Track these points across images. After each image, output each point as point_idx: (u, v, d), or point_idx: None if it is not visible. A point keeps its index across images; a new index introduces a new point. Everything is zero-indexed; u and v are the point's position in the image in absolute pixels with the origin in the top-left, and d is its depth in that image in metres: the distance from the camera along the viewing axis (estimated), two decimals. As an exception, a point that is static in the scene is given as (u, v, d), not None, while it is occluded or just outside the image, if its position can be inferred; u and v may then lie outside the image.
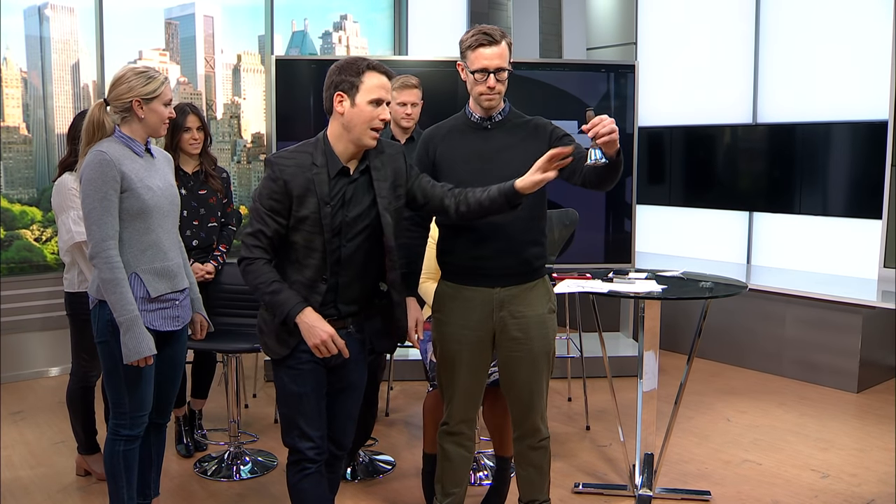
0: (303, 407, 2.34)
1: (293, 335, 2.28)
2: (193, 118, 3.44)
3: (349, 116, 2.23)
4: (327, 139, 2.29)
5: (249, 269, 2.25)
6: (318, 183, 2.23)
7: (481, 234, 2.49)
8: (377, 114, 2.23)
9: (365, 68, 2.22)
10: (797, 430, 4.07)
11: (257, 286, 2.25)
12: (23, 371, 4.91)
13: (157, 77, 2.52)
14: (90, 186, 2.42)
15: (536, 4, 6.96)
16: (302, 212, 2.23)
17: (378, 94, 2.23)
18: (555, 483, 3.15)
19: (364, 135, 2.25)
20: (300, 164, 2.25)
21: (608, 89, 5.02)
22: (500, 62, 2.43)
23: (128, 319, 2.41)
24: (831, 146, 5.36)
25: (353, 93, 2.22)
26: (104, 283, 2.42)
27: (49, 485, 3.37)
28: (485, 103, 2.49)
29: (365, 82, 2.22)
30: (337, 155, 2.27)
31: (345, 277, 2.31)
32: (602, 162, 2.24)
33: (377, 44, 6.44)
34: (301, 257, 2.28)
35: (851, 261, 5.23)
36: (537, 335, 2.55)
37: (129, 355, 2.42)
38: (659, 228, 6.29)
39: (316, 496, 2.39)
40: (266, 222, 2.24)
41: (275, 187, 2.23)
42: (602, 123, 2.19)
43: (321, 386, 2.37)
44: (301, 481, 2.37)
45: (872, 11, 5.06)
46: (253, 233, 2.25)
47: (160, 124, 2.55)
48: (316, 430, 2.35)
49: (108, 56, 5.14)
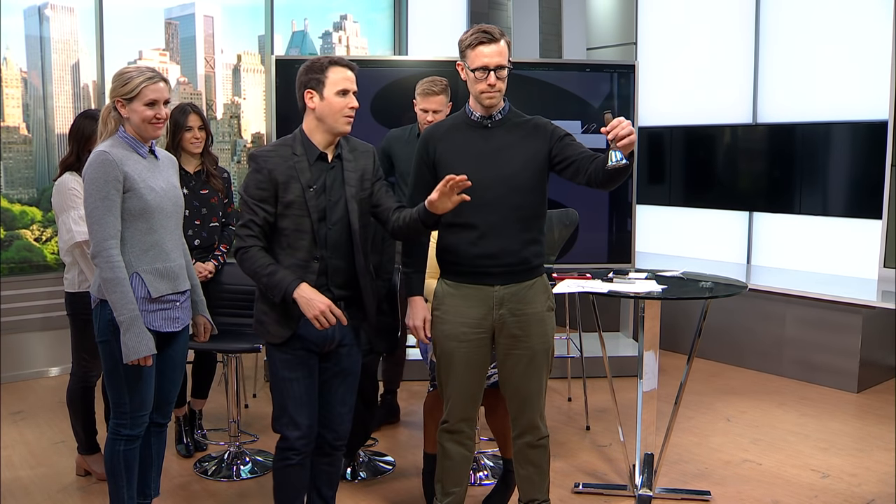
0: (293, 392, 2.46)
1: (293, 317, 2.41)
2: (195, 117, 3.45)
3: (321, 109, 2.40)
4: (304, 132, 2.46)
5: (245, 256, 2.40)
6: (300, 170, 2.40)
7: (480, 233, 2.49)
8: (345, 103, 2.40)
9: (328, 64, 2.40)
10: (797, 430, 4.07)
11: (255, 271, 2.39)
12: (23, 371, 4.91)
13: (137, 77, 2.47)
14: (92, 186, 2.43)
15: (536, 4, 6.96)
16: (288, 197, 2.39)
17: (343, 85, 2.40)
18: (555, 483, 3.15)
19: (338, 122, 2.41)
20: (282, 154, 2.42)
21: (608, 89, 5.01)
22: (500, 59, 2.45)
23: (128, 319, 2.42)
24: (831, 146, 5.36)
25: (320, 88, 2.39)
26: (105, 282, 2.43)
27: (49, 485, 3.37)
28: (486, 101, 2.49)
29: (329, 77, 2.39)
30: (314, 144, 2.44)
31: (334, 260, 2.45)
32: (623, 163, 2.29)
33: (377, 44, 6.45)
34: (292, 241, 2.42)
35: (851, 261, 5.23)
36: (536, 333, 2.56)
37: (129, 355, 2.43)
38: (659, 228, 6.29)
39: (293, 486, 2.53)
40: (255, 212, 2.39)
41: (260, 177, 2.39)
42: (621, 126, 2.23)
43: (313, 374, 2.50)
44: (283, 469, 2.52)
45: (872, 11, 5.06)
46: (244, 223, 2.41)
47: (142, 124, 2.49)
48: (305, 418, 2.48)
49: (108, 56, 5.14)
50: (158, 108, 2.51)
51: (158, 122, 2.52)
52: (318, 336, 2.46)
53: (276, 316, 2.44)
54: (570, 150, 2.49)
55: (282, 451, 2.50)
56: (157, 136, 2.56)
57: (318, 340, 2.47)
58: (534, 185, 2.52)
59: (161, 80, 2.52)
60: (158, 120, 2.52)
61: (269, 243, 2.43)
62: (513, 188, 2.49)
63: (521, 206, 2.50)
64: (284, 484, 2.54)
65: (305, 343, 2.45)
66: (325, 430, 2.59)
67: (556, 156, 2.50)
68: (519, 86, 4.68)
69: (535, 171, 2.51)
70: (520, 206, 2.50)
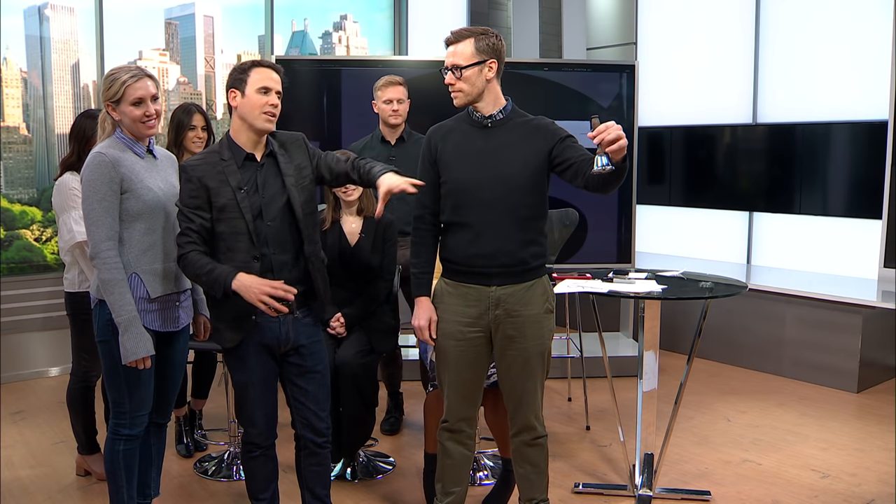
0: (249, 394, 2.54)
1: (245, 319, 2.46)
2: (199, 117, 3.47)
3: (242, 107, 2.45)
4: (230, 136, 2.50)
5: (186, 261, 2.44)
6: (229, 173, 2.45)
7: (477, 232, 2.50)
8: (266, 100, 2.44)
9: (251, 66, 2.46)
10: (797, 430, 4.07)
11: (195, 274, 2.43)
12: (23, 371, 4.91)
13: (120, 78, 2.46)
14: (90, 187, 2.43)
15: (536, 4, 6.96)
16: (220, 201, 2.43)
17: (263, 83, 2.44)
18: (555, 483, 3.15)
19: (258, 119, 2.44)
20: (209, 161, 2.47)
21: (608, 89, 5.01)
22: (453, 60, 2.48)
23: (126, 320, 2.42)
24: (831, 146, 5.36)
25: (242, 87, 2.44)
26: (103, 283, 2.43)
27: (49, 485, 3.37)
28: (453, 99, 2.53)
29: (251, 76, 2.44)
30: (240, 146, 2.48)
31: (278, 255, 2.49)
32: (608, 168, 2.26)
33: (377, 44, 6.45)
34: (230, 244, 2.46)
35: (851, 261, 5.23)
36: (532, 335, 2.56)
37: (127, 356, 2.43)
38: (659, 228, 6.29)
39: (261, 476, 2.63)
40: (191, 219, 2.44)
41: (191, 186, 2.44)
42: (608, 130, 2.20)
43: (268, 375, 2.56)
44: (248, 461, 2.63)
45: (872, 11, 5.06)
46: (182, 232, 2.46)
47: (134, 125, 2.48)
48: (262, 416, 2.57)
49: (108, 56, 5.14)
50: (146, 106, 2.48)
51: (149, 119, 2.49)
52: (272, 338, 2.50)
53: (228, 321, 2.49)
54: (570, 153, 2.48)
55: (245, 445, 2.62)
56: (152, 134, 2.54)
57: (272, 342, 2.51)
58: (533, 185, 2.51)
59: (145, 77, 2.49)
60: (149, 118, 2.49)
61: (210, 249, 2.47)
62: (512, 188, 2.49)
63: (519, 207, 2.50)
64: (253, 475, 2.65)
65: (258, 347, 2.50)
66: (305, 431, 2.62)
67: (556, 157, 2.50)
68: (521, 85, 4.68)
69: (534, 171, 2.51)
70: (518, 207, 2.50)
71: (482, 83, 2.49)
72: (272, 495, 2.66)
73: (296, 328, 2.54)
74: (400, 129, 3.90)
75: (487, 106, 2.52)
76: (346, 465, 3.45)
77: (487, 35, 2.48)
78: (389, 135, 3.91)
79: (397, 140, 3.90)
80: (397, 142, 3.90)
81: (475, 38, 2.47)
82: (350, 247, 3.41)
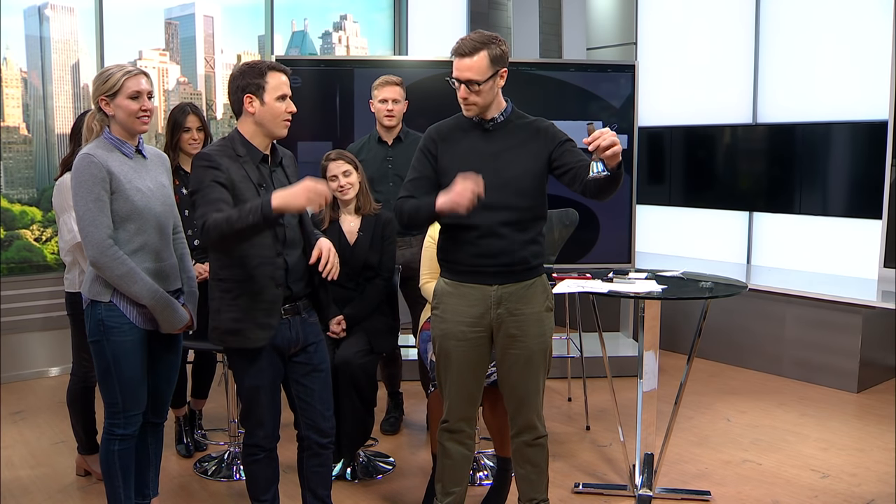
0: (260, 399, 2.52)
1: (272, 315, 2.43)
2: (193, 118, 3.45)
3: (261, 114, 2.41)
4: (242, 135, 2.45)
5: (209, 224, 2.26)
6: (249, 170, 2.42)
7: (480, 233, 2.50)
8: (285, 107, 2.43)
9: (266, 69, 2.41)
10: (797, 430, 4.07)
11: (223, 222, 2.24)
12: (23, 371, 4.91)
13: (117, 73, 2.47)
14: (81, 189, 2.43)
15: (536, 4, 6.95)
16: (244, 195, 2.37)
17: (283, 90, 2.42)
18: (555, 483, 3.15)
19: (278, 126, 2.44)
20: (228, 154, 2.41)
21: (608, 89, 5.01)
22: (469, 74, 2.43)
23: (158, 302, 2.49)
24: (831, 146, 5.36)
25: (261, 93, 2.40)
26: (120, 278, 2.44)
27: (49, 485, 3.37)
28: (463, 110, 2.51)
29: (269, 82, 2.40)
30: (256, 146, 2.46)
31: (292, 256, 2.50)
32: (603, 175, 2.27)
33: (377, 44, 6.44)
34: (254, 240, 2.37)
35: (851, 261, 5.23)
36: (534, 333, 2.57)
37: (172, 328, 2.55)
38: (659, 228, 6.29)
39: (263, 479, 2.61)
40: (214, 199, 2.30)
41: (217, 172, 2.34)
42: (603, 137, 2.21)
43: (277, 378, 2.54)
44: (251, 465, 2.60)
45: (872, 11, 5.06)
46: (202, 213, 2.30)
47: (130, 118, 2.48)
48: (270, 419, 2.55)
49: (108, 56, 5.14)
50: (143, 101, 2.49)
51: (145, 114, 2.50)
52: (283, 340, 2.49)
53: (255, 321, 2.42)
54: (568, 157, 2.49)
55: (248, 448, 2.58)
56: (145, 130, 2.54)
57: (283, 344, 2.50)
58: (533, 187, 2.52)
59: (141, 74, 2.51)
60: (145, 112, 2.50)
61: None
62: (512, 190, 2.49)
63: (520, 208, 2.51)
64: (255, 478, 2.62)
65: (270, 349, 2.48)
66: (309, 432, 2.61)
67: (556, 160, 2.51)
68: (522, 85, 4.67)
69: (535, 174, 2.52)
70: (519, 208, 2.50)
71: (494, 93, 2.49)
72: (273, 497, 2.65)
73: (304, 328, 2.55)
74: (396, 130, 3.88)
75: (490, 110, 2.52)
76: (345, 466, 3.45)
77: (498, 44, 2.46)
78: (386, 135, 3.89)
79: (394, 141, 3.89)
80: (394, 142, 3.89)
81: (488, 49, 2.43)
82: (349, 245, 3.42)
